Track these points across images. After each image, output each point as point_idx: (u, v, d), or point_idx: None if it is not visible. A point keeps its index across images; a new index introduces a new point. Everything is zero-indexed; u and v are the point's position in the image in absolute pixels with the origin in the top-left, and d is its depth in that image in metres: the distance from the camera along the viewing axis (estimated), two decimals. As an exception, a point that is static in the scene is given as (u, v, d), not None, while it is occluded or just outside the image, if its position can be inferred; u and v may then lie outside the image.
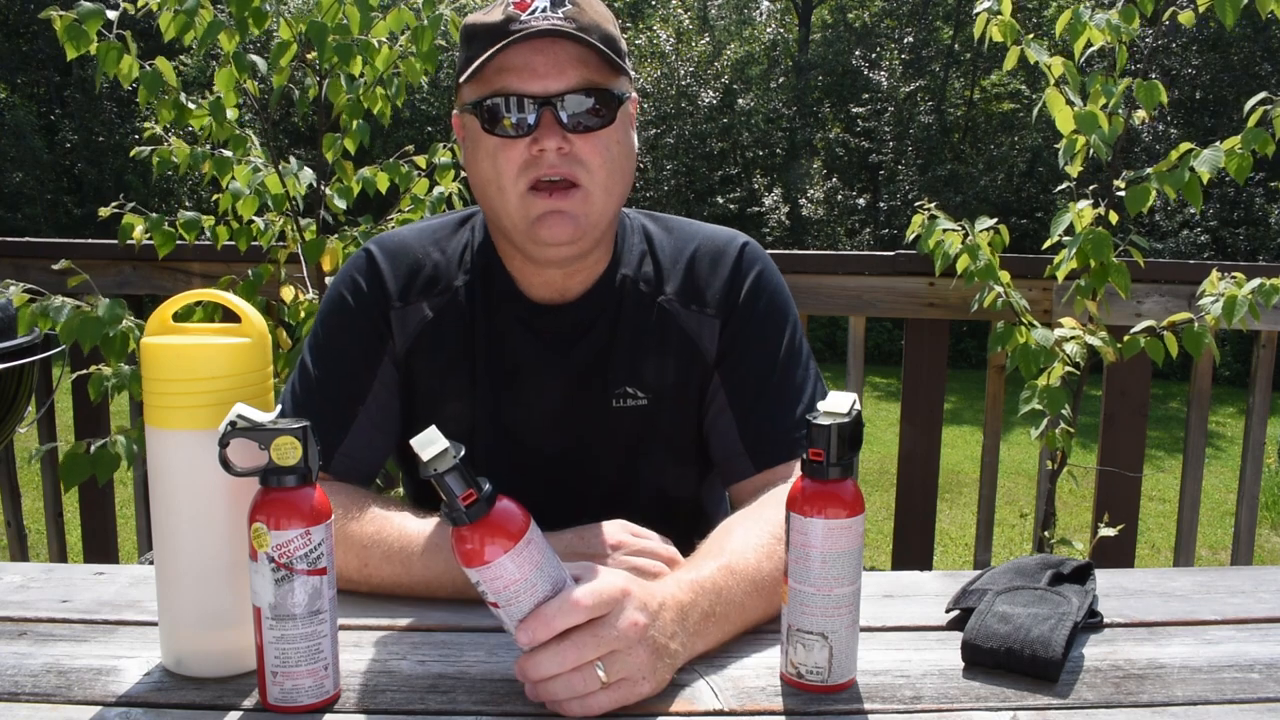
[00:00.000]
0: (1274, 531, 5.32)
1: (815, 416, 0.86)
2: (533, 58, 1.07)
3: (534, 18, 1.07)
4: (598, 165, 1.10)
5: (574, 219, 1.10)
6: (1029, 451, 6.22)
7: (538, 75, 1.07)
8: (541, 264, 1.17)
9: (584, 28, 1.08)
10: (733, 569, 0.96)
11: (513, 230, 1.14)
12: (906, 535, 2.52)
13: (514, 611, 0.81)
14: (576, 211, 1.10)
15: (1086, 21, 1.94)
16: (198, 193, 12.63)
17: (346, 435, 1.19)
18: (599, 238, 1.16)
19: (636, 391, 1.22)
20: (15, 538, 2.68)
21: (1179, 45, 12.59)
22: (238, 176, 2.19)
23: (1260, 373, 2.41)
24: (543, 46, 1.07)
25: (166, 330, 0.93)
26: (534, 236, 1.11)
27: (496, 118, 1.09)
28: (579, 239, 1.12)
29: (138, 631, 0.98)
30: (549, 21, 1.07)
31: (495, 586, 0.81)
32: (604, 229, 1.15)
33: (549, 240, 1.11)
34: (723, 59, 15.31)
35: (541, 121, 1.08)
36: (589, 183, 1.10)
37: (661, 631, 0.85)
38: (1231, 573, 1.19)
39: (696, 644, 0.91)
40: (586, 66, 1.08)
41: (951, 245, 2.08)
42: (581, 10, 1.09)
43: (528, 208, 1.10)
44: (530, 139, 1.08)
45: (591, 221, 1.12)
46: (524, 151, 1.09)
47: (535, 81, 1.07)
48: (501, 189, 1.11)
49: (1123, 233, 2.05)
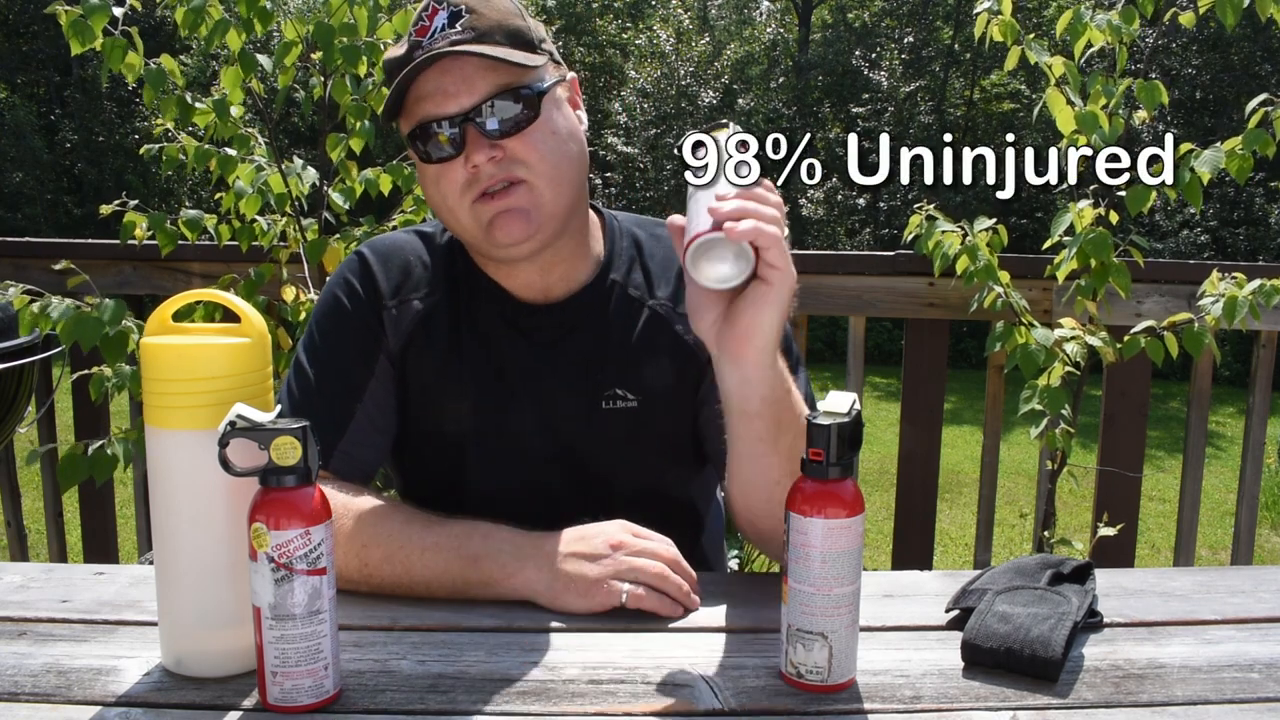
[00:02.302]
0: (1274, 531, 5.32)
1: (815, 416, 0.86)
2: (442, 79, 1.10)
3: (434, 40, 1.10)
4: (536, 159, 1.12)
5: (524, 213, 1.12)
6: (1029, 451, 6.22)
7: (450, 95, 1.10)
8: (510, 264, 1.19)
9: (484, 34, 1.09)
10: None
11: (473, 242, 1.17)
12: (906, 535, 2.52)
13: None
14: (525, 205, 1.12)
15: (1087, 23, 1.94)
16: (198, 193, 12.63)
17: (345, 434, 1.19)
18: (559, 227, 1.17)
19: (626, 394, 1.22)
20: (15, 538, 2.68)
21: (1179, 45, 12.59)
22: (241, 175, 2.19)
23: (1260, 373, 2.41)
24: (448, 66, 1.09)
25: (166, 330, 0.93)
26: (492, 240, 1.14)
27: (428, 145, 1.12)
28: (535, 232, 1.13)
29: (138, 631, 0.98)
30: (448, 40, 1.09)
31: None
32: (562, 217, 1.16)
33: (505, 240, 1.13)
34: (723, 59, 15.32)
35: (467, 139, 1.10)
36: (532, 176, 1.12)
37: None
38: (1231, 573, 1.19)
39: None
40: (495, 72, 1.10)
41: (950, 246, 2.08)
42: (480, 15, 1.11)
43: (478, 217, 1.13)
44: (463, 158, 1.10)
45: (545, 212, 1.13)
46: (461, 171, 1.11)
47: (450, 102, 1.10)
48: (451, 210, 1.14)
49: (1123, 233, 2.05)
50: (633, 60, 15.32)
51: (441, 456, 1.26)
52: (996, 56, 13.16)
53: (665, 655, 0.94)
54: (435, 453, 1.27)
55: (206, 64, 6.47)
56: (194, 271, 2.52)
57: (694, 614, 1.03)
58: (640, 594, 1.01)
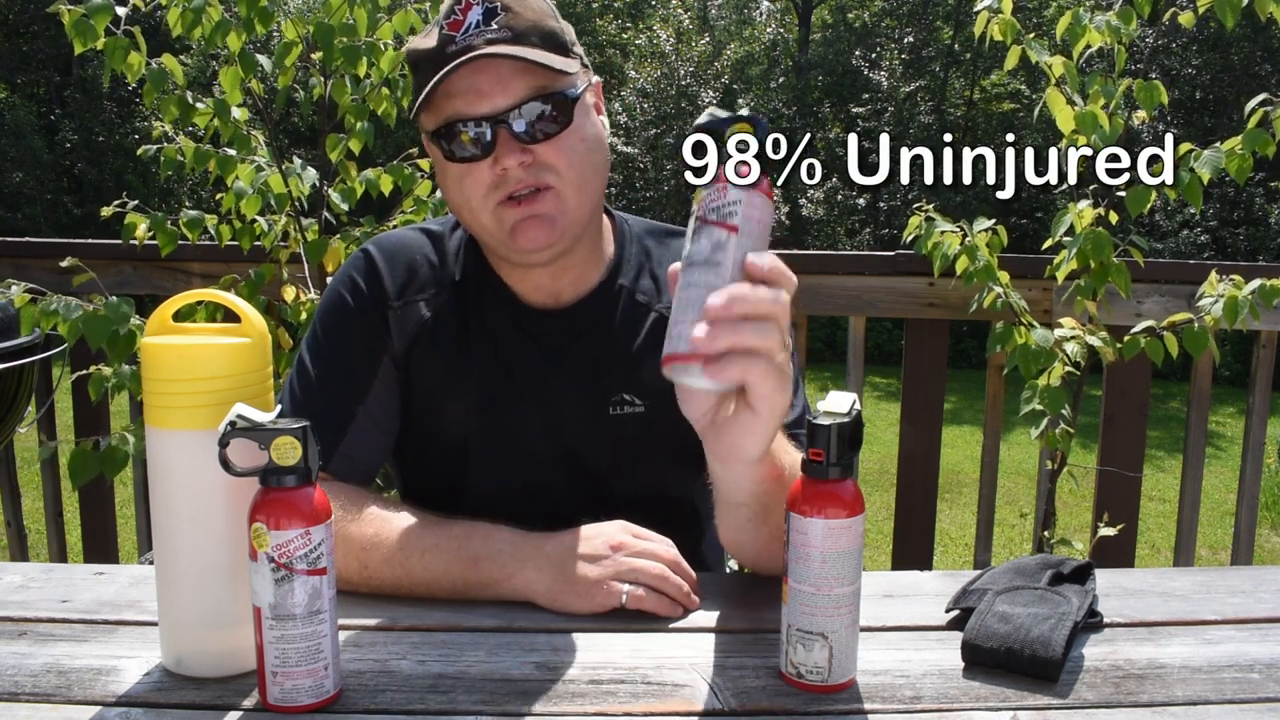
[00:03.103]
0: (1274, 531, 5.32)
1: (815, 416, 0.86)
2: (476, 78, 1.06)
3: (469, 36, 1.06)
4: (565, 166, 1.10)
5: (549, 220, 1.10)
6: (1029, 451, 6.22)
7: (484, 95, 1.06)
8: (526, 267, 1.18)
9: (521, 34, 1.06)
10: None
11: (493, 244, 1.15)
12: (906, 535, 2.52)
13: (743, 244, 0.84)
14: (551, 212, 1.10)
15: (1086, 24, 1.94)
16: (198, 193, 12.63)
17: (346, 435, 1.19)
18: (579, 234, 1.16)
19: (634, 399, 1.22)
20: (15, 538, 2.68)
21: (1179, 45, 12.59)
22: (241, 176, 2.19)
23: (1260, 373, 2.41)
24: (483, 65, 1.06)
25: (166, 330, 0.93)
26: (513, 246, 1.12)
27: (454, 144, 1.09)
28: (558, 239, 1.12)
29: (138, 631, 0.98)
30: (484, 37, 1.05)
31: (749, 213, 0.85)
32: (583, 224, 1.15)
33: (528, 247, 1.11)
34: (723, 59, 15.33)
35: (498, 140, 1.07)
36: (559, 183, 1.10)
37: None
38: (1231, 573, 1.19)
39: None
40: (531, 74, 1.07)
41: (950, 246, 2.08)
42: (516, 15, 1.07)
43: (501, 220, 1.11)
44: (491, 160, 1.08)
45: (568, 220, 1.12)
46: (488, 173, 1.08)
47: (483, 102, 1.06)
48: (473, 210, 1.12)
49: (1123, 233, 2.05)
50: (633, 60, 15.32)
51: (444, 457, 1.26)
52: (996, 56, 13.16)
53: (665, 655, 0.94)
54: (438, 453, 1.26)
55: (207, 64, 6.48)
56: (194, 271, 2.52)
57: (694, 614, 1.03)
58: (640, 595, 1.00)
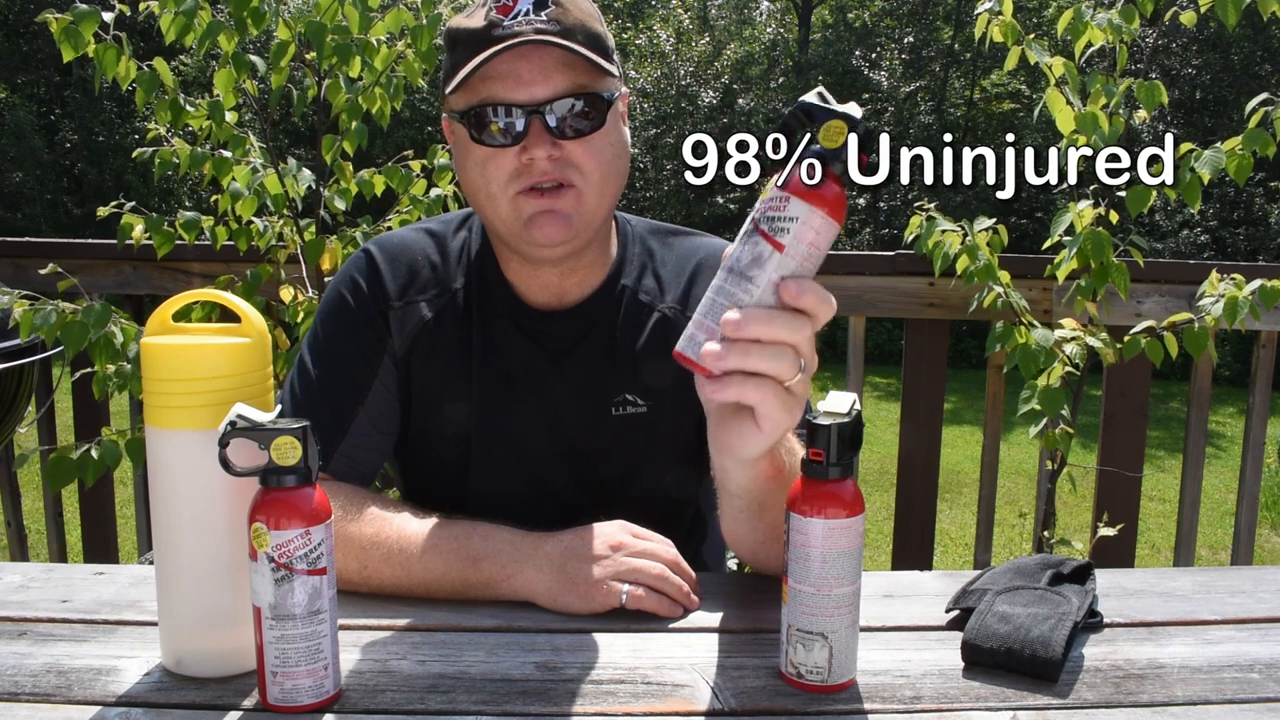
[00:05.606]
0: (1274, 531, 5.32)
1: (815, 416, 0.86)
2: (518, 64, 1.05)
3: (517, 22, 1.05)
4: (591, 167, 1.10)
5: (566, 218, 1.10)
6: (1029, 451, 6.22)
7: (524, 83, 1.06)
8: (536, 264, 1.17)
9: (568, 29, 1.06)
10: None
11: (505, 233, 1.14)
12: (906, 535, 2.52)
13: (785, 264, 0.85)
14: (569, 210, 1.10)
15: (1088, 21, 1.94)
16: (198, 193, 12.63)
17: (346, 435, 1.19)
18: (592, 236, 1.16)
19: (637, 399, 1.22)
20: (15, 538, 2.68)
21: (1179, 45, 12.59)
22: (237, 177, 2.19)
23: (1260, 373, 2.41)
24: (527, 52, 1.05)
25: (166, 330, 0.93)
26: (527, 238, 1.11)
27: (484, 127, 1.08)
28: (572, 238, 1.12)
29: (138, 631, 0.98)
30: (533, 26, 1.05)
31: (803, 234, 0.85)
32: (597, 228, 1.15)
33: (542, 241, 1.10)
34: (723, 59, 15.32)
35: (530, 130, 1.06)
36: (582, 183, 1.10)
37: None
38: (1231, 573, 1.19)
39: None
40: (573, 70, 1.07)
41: (950, 246, 2.08)
42: (565, 10, 1.07)
43: (519, 210, 1.10)
44: (519, 148, 1.07)
45: (585, 220, 1.12)
46: (513, 160, 1.08)
47: (522, 89, 1.06)
48: (491, 196, 1.10)
49: (1123, 233, 2.05)
50: (633, 60, 15.32)
51: (444, 458, 1.26)
52: (996, 56, 13.17)
53: (665, 655, 0.94)
54: (439, 453, 1.26)
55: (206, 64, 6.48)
56: (193, 271, 2.52)
57: (694, 614, 1.03)
58: (640, 595, 1.00)
